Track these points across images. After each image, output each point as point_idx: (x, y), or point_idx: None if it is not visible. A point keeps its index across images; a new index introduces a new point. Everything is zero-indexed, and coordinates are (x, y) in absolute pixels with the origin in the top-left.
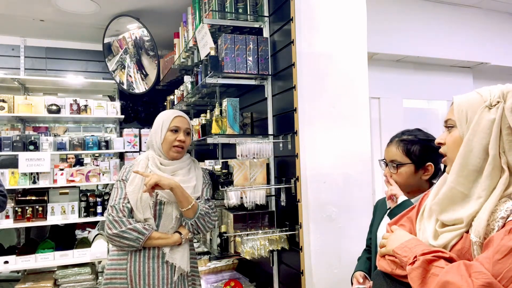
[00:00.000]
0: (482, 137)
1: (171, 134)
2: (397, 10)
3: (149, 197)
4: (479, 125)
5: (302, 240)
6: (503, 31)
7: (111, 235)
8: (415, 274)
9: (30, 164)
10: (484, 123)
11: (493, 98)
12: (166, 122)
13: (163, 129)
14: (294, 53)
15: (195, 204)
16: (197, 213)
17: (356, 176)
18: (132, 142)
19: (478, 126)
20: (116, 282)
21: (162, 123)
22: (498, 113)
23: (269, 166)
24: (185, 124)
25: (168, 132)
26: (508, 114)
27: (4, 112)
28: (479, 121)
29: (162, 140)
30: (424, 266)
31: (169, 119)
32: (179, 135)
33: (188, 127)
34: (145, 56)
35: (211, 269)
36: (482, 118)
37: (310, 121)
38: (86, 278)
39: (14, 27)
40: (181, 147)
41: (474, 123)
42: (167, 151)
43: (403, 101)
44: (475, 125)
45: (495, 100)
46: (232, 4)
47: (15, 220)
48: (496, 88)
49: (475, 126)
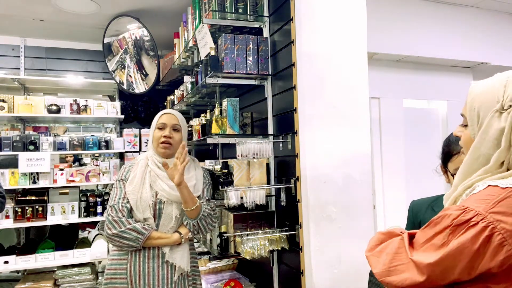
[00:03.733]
0: (489, 147)
1: (158, 131)
2: (397, 10)
3: (149, 197)
4: (487, 134)
5: (302, 240)
6: (503, 31)
7: (111, 235)
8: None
9: (30, 164)
10: (492, 132)
11: (506, 99)
12: (155, 120)
13: (152, 127)
14: (294, 53)
15: (199, 205)
16: (200, 214)
17: (356, 176)
18: (132, 142)
19: (486, 134)
20: (116, 282)
21: (153, 122)
22: (508, 121)
23: (269, 166)
24: (172, 120)
25: (156, 129)
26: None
27: (4, 112)
28: (487, 129)
29: (152, 138)
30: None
31: (157, 117)
32: (164, 131)
33: (175, 123)
34: (145, 56)
35: (211, 269)
36: (491, 125)
37: (310, 121)
38: (86, 278)
39: (14, 27)
40: (168, 143)
41: (483, 130)
42: (156, 148)
43: (403, 101)
44: (484, 132)
45: (507, 103)
46: (232, 4)
47: (15, 220)
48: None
49: (483, 134)
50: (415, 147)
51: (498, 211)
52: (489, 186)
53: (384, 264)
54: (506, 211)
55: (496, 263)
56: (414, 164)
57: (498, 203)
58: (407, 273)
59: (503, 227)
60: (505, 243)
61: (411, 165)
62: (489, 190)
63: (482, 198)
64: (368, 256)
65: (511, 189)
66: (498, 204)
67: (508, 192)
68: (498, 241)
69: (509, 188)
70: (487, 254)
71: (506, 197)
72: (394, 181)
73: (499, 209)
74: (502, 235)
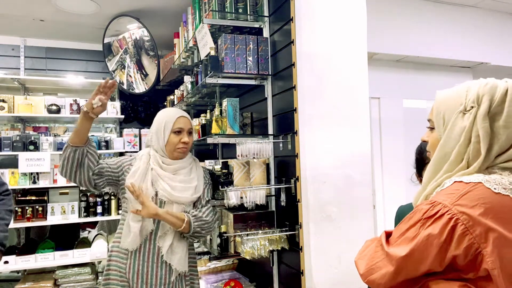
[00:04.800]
0: (454, 145)
1: (174, 136)
2: (397, 10)
3: (150, 193)
4: (452, 132)
5: (302, 240)
6: (503, 31)
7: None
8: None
9: (30, 164)
10: (456, 131)
11: (468, 102)
12: (169, 123)
13: (166, 130)
14: (294, 53)
15: (187, 220)
16: (192, 229)
17: (356, 176)
18: (132, 142)
19: (451, 133)
20: (115, 281)
21: (164, 124)
22: (470, 119)
23: (269, 166)
24: (188, 124)
25: (171, 134)
26: (479, 121)
27: (4, 112)
28: (452, 128)
29: (166, 141)
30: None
31: (172, 120)
32: (183, 137)
33: (190, 127)
34: (145, 56)
35: (211, 269)
36: (455, 124)
37: (310, 121)
38: (86, 278)
39: (14, 27)
40: (186, 148)
41: (448, 130)
42: (171, 152)
43: (403, 101)
44: (449, 131)
45: (469, 105)
46: (232, 4)
47: (15, 220)
48: (475, 88)
49: (448, 133)
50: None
51: (462, 204)
52: (455, 182)
53: (366, 264)
54: (468, 203)
55: (460, 251)
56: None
57: (461, 196)
58: (385, 269)
59: (465, 218)
60: (466, 233)
61: (411, 165)
62: (455, 185)
63: (449, 193)
64: (355, 261)
65: (473, 184)
66: (462, 197)
67: (470, 187)
68: (461, 231)
69: (472, 183)
70: (452, 243)
71: (468, 191)
72: (394, 181)
73: (462, 202)
74: (465, 225)
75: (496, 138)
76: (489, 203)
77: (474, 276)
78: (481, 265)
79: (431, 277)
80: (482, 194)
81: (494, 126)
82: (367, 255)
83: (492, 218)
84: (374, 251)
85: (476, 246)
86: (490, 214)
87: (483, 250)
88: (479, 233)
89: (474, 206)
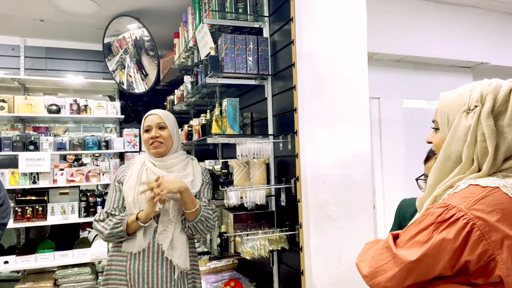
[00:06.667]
0: (459, 144)
1: (145, 134)
2: (397, 10)
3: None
4: (456, 132)
5: (302, 240)
6: (503, 31)
7: (107, 237)
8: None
9: (30, 164)
10: (461, 130)
11: (472, 101)
12: (142, 125)
13: (142, 131)
14: (294, 53)
15: (198, 208)
16: (198, 217)
17: (356, 176)
18: (132, 142)
19: (455, 132)
20: (116, 279)
21: (141, 126)
22: (474, 118)
23: (269, 166)
24: (155, 119)
25: (144, 133)
26: (483, 120)
27: (4, 112)
28: (456, 127)
29: (143, 141)
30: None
31: (143, 121)
32: (151, 133)
33: (159, 121)
34: (145, 56)
35: (211, 269)
36: (459, 124)
37: (310, 121)
38: (86, 278)
39: (14, 27)
40: (158, 142)
41: (453, 129)
42: (148, 149)
43: (403, 101)
44: (453, 131)
45: (473, 104)
46: (232, 4)
47: (15, 220)
48: (478, 87)
49: (453, 133)
50: (415, 147)
51: (478, 209)
52: (470, 185)
53: (371, 267)
54: (485, 209)
55: (474, 257)
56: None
57: (478, 201)
58: (391, 272)
59: (481, 223)
60: (482, 239)
61: (411, 165)
62: (470, 188)
63: (464, 196)
64: (357, 263)
65: (491, 189)
66: (478, 202)
67: (488, 191)
68: (476, 237)
69: (489, 188)
70: (466, 248)
71: (486, 196)
72: (394, 181)
73: (479, 206)
74: (481, 231)
75: (502, 137)
76: (506, 209)
77: (483, 282)
78: (494, 271)
79: (439, 280)
80: (499, 200)
81: (499, 125)
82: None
83: (509, 225)
84: (379, 253)
85: (491, 252)
86: (507, 221)
87: (497, 257)
88: (494, 240)
89: (491, 211)
